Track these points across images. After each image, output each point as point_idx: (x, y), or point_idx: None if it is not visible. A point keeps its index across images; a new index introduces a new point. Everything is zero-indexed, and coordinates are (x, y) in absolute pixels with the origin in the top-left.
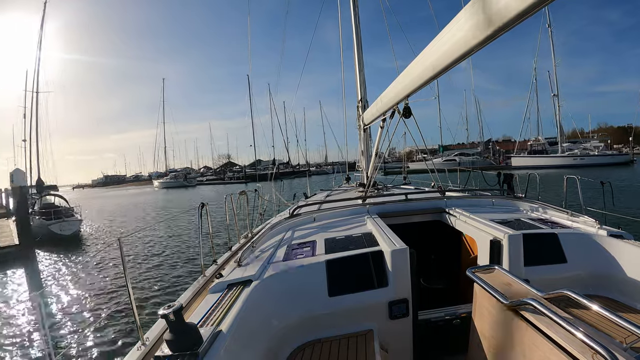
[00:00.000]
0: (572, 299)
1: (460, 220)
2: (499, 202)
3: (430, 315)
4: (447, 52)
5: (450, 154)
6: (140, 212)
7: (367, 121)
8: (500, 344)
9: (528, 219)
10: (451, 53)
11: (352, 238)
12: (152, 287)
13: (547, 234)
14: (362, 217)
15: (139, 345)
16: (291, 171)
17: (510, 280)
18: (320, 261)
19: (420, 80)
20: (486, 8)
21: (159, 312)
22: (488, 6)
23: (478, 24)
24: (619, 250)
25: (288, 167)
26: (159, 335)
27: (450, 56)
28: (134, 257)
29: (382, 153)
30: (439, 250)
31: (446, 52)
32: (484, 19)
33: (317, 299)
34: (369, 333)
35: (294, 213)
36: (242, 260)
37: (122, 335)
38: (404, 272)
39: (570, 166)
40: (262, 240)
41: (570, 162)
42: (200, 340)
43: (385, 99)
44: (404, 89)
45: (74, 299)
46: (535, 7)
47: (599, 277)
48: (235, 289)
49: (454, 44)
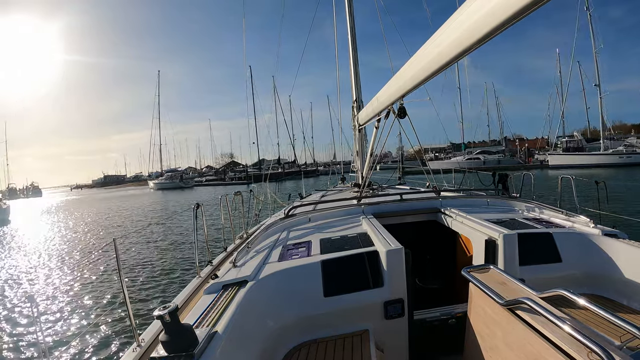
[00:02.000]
0: (567, 298)
1: (455, 220)
2: (494, 201)
3: (426, 315)
4: (441, 53)
5: (473, 151)
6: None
7: (362, 121)
8: (496, 343)
9: (523, 218)
10: (446, 54)
11: (348, 238)
12: (147, 288)
13: (542, 234)
14: (358, 217)
15: (134, 347)
16: (297, 170)
17: (505, 280)
18: (316, 261)
19: (415, 81)
20: (481, 9)
21: (154, 313)
22: (483, 7)
23: (473, 25)
24: (613, 249)
25: (294, 166)
26: (155, 337)
27: (444, 57)
28: (128, 258)
29: (376, 153)
30: (435, 250)
31: (441, 53)
32: (479, 19)
33: (312, 299)
34: (365, 333)
35: (289, 213)
36: (237, 261)
37: (117, 336)
38: (400, 272)
39: (617, 165)
40: (258, 241)
41: (615, 161)
42: (195, 342)
43: (381, 99)
44: (399, 90)
45: (68, 300)
46: (529, 9)
47: (594, 276)
48: (230, 289)
49: (449, 45)
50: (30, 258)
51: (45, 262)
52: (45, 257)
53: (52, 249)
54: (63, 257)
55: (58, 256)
